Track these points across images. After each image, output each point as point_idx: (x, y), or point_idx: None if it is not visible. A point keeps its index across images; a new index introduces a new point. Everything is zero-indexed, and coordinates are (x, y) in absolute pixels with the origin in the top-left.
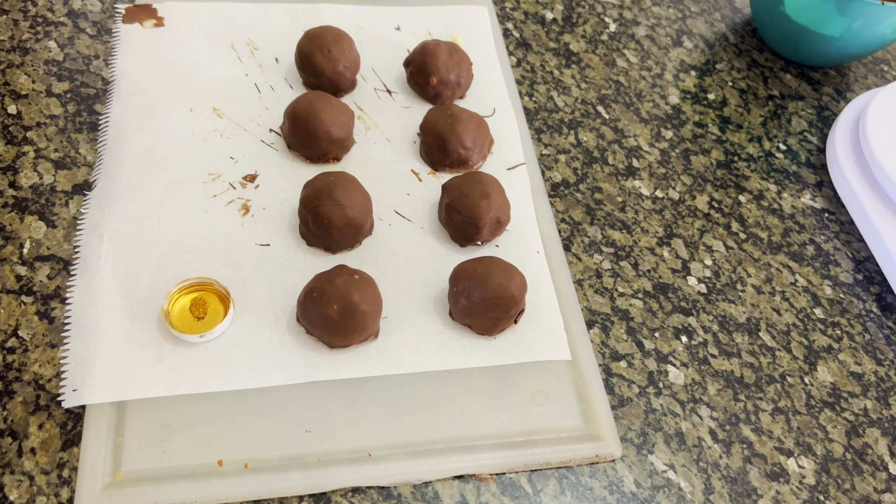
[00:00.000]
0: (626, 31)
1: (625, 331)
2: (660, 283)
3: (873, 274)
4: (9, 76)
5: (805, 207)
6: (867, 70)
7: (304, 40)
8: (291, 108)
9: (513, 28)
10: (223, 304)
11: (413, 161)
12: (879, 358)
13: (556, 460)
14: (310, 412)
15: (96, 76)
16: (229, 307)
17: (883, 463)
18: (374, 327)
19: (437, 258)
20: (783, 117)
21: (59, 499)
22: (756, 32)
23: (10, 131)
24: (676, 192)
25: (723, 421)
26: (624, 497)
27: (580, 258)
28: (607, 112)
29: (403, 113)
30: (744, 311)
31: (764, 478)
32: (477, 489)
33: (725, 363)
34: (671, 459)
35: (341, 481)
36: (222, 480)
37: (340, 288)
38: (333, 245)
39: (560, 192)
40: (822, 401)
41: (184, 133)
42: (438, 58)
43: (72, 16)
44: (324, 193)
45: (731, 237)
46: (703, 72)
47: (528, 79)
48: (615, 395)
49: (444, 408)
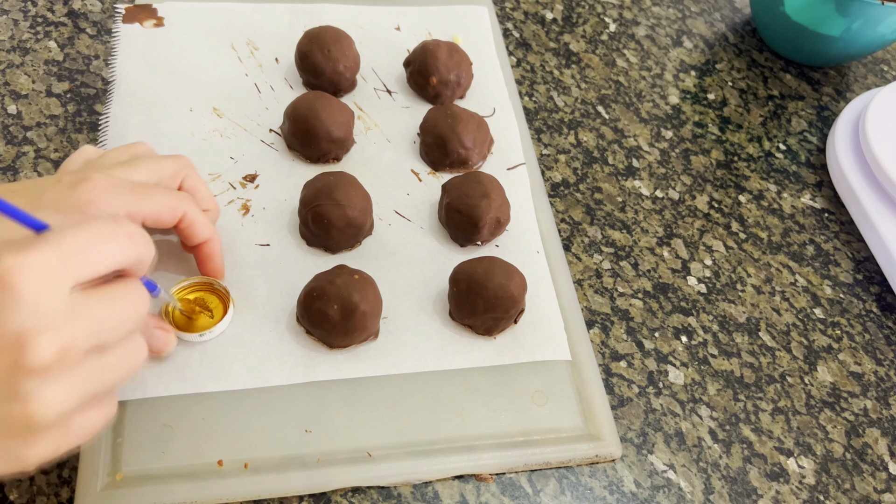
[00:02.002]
0: (626, 31)
1: (625, 331)
2: (660, 283)
3: (873, 274)
4: (9, 76)
5: (805, 207)
6: (867, 70)
7: (304, 40)
8: (291, 108)
9: (513, 28)
10: (223, 304)
11: (413, 161)
12: (879, 358)
13: (556, 460)
14: (309, 412)
15: (96, 76)
16: (229, 307)
17: (883, 463)
18: (374, 327)
19: (437, 258)
20: (783, 117)
21: (58, 499)
22: (756, 32)
23: (10, 131)
24: (676, 192)
25: (723, 421)
26: (624, 497)
27: (580, 258)
28: (607, 112)
29: (403, 113)
30: (744, 311)
31: (764, 478)
32: (477, 489)
33: (725, 363)
34: (671, 459)
35: (341, 481)
36: (222, 480)
37: (340, 288)
38: (333, 245)
39: (560, 192)
40: (822, 401)
41: (184, 133)
42: (438, 58)
43: (72, 16)
44: (324, 193)
45: (731, 237)
46: (703, 72)
47: (528, 79)
48: (615, 395)
49: (444, 408)
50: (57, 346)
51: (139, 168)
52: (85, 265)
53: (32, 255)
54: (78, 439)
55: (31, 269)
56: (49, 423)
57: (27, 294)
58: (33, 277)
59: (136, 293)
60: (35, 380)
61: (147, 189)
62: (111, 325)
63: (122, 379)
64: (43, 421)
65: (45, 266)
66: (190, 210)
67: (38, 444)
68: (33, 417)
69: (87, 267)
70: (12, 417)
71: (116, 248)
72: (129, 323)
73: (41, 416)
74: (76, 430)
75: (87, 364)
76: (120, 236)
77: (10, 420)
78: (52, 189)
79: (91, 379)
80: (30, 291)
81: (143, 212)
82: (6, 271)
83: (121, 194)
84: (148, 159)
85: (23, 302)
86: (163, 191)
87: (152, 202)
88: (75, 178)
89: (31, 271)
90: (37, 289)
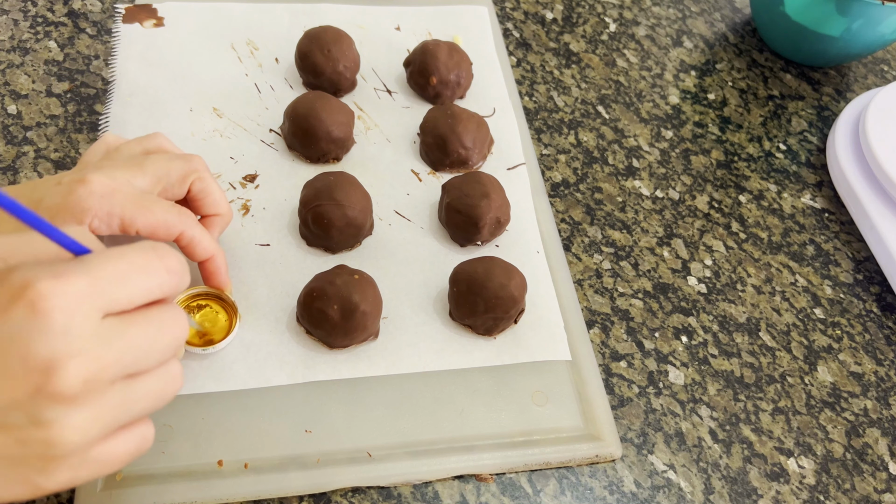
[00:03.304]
0: (626, 31)
1: (625, 331)
2: (660, 283)
3: (873, 274)
4: (9, 76)
5: (805, 207)
6: (867, 70)
7: (304, 40)
8: (291, 108)
9: (513, 28)
10: (229, 316)
11: (413, 161)
12: (879, 358)
13: (556, 460)
14: (309, 412)
15: (96, 76)
16: (235, 322)
17: (883, 463)
18: (374, 327)
19: (437, 258)
20: (783, 117)
21: (59, 499)
22: (756, 32)
23: (10, 131)
24: (676, 192)
25: (723, 421)
26: (624, 497)
27: (580, 258)
28: (607, 112)
29: (403, 113)
30: (744, 311)
31: (764, 478)
32: (477, 489)
33: (725, 363)
34: (671, 459)
35: (341, 481)
36: (222, 480)
37: (340, 288)
38: (333, 245)
39: (560, 192)
40: (822, 401)
41: (184, 133)
42: (438, 58)
43: (72, 16)
44: (324, 193)
45: (731, 237)
46: (703, 72)
47: (528, 79)
48: (615, 395)
49: (444, 408)
50: (85, 373)
51: (146, 170)
52: (119, 296)
53: (66, 281)
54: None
55: (64, 296)
56: (68, 452)
57: (58, 320)
58: (65, 304)
59: (174, 320)
60: (59, 407)
61: (146, 201)
62: (144, 352)
63: (153, 408)
64: (63, 449)
65: (78, 294)
66: (188, 229)
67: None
68: (53, 445)
69: (122, 297)
70: (32, 444)
71: (153, 282)
72: (164, 351)
73: (61, 443)
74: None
75: (114, 392)
76: (158, 271)
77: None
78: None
79: (117, 408)
80: (61, 318)
81: (137, 224)
82: (39, 297)
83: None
84: (158, 159)
85: (54, 328)
86: (163, 205)
87: (149, 216)
88: (73, 181)
89: (63, 298)
90: (68, 316)
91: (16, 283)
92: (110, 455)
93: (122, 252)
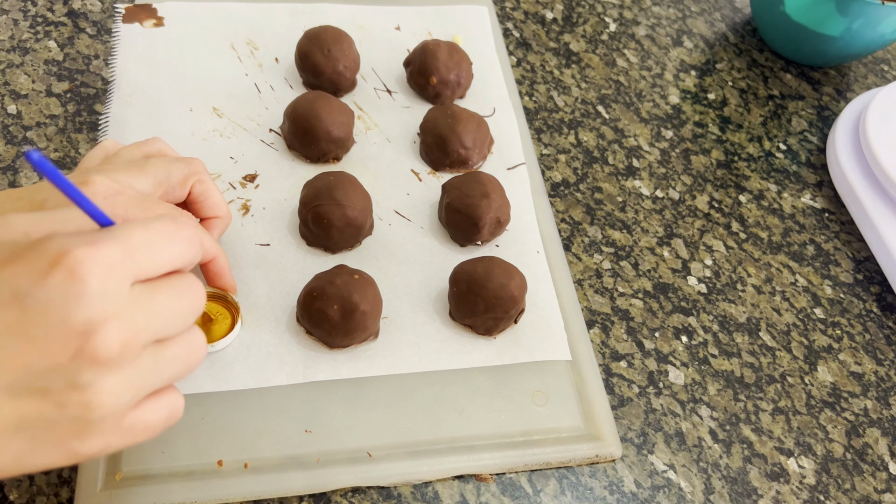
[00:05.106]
0: (626, 31)
1: (625, 331)
2: (660, 282)
3: (873, 274)
4: (9, 76)
5: (805, 207)
6: (867, 70)
7: (304, 40)
8: (291, 108)
9: (513, 28)
10: (231, 316)
11: (413, 161)
12: (879, 358)
13: (556, 460)
14: (309, 412)
15: (96, 76)
16: (237, 322)
17: (883, 463)
18: (374, 327)
19: (437, 258)
20: (783, 117)
21: (58, 499)
22: (756, 32)
23: (10, 131)
24: (676, 192)
25: (723, 421)
26: (624, 497)
27: (580, 258)
28: (607, 112)
29: (403, 113)
30: (744, 311)
31: (764, 478)
32: (477, 489)
33: (725, 363)
34: (671, 459)
35: (341, 481)
36: (222, 480)
37: (340, 288)
38: (333, 245)
39: (560, 192)
40: (822, 401)
41: (184, 133)
42: (438, 58)
43: (72, 16)
44: (324, 193)
45: (732, 237)
46: (703, 72)
47: (528, 79)
48: (615, 395)
49: (444, 408)
50: (122, 336)
51: (147, 172)
52: (147, 262)
53: (101, 248)
54: (132, 437)
55: (100, 263)
56: (105, 416)
57: (95, 285)
58: (101, 270)
59: (194, 287)
60: (97, 370)
61: (149, 203)
62: (172, 318)
63: (180, 373)
64: (99, 412)
65: (112, 260)
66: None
67: (91, 438)
68: (90, 408)
69: (149, 264)
70: (70, 406)
71: (176, 250)
72: (188, 316)
73: (98, 406)
74: (130, 426)
75: (146, 357)
76: (181, 240)
77: (67, 409)
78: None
79: (149, 373)
80: (98, 283)
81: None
82: (77, 262)
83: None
84: (158, 162)
85: (92, 293)
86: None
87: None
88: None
89: (99, 265)
90: (104, 281)
91: (52, 251)
92: (143, 422)
93: (146, 223)
